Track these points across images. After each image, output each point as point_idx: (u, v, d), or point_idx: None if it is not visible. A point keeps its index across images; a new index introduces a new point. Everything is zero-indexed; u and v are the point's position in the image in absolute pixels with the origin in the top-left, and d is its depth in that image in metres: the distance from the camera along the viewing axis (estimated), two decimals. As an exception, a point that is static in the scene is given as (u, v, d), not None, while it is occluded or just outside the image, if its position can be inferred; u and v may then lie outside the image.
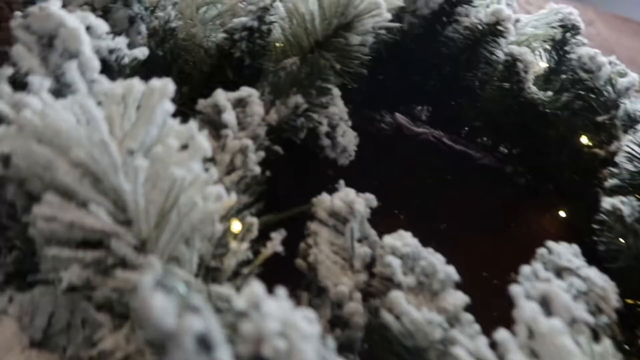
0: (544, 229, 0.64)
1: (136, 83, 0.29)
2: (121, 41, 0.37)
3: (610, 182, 0.46)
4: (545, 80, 0.63)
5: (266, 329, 0.21)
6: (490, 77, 0.57)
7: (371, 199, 0.39)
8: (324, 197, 0.38)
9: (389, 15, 0.43)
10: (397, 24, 0.48)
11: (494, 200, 0.68)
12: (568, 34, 0.63)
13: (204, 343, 0.19)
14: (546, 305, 0.28)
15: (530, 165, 0.68)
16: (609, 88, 0.57)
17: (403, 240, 0.34)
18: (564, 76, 0.62)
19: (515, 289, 0.26)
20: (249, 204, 0.35)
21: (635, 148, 0.43)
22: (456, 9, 0.53)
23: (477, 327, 0.31)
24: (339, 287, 0.35)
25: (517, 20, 0.59)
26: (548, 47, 0.64)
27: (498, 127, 0.64)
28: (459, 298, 0.32)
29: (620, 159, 0.45)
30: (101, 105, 0.28)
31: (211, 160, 0.35)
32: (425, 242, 0.58)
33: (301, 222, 0.42)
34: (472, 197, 0.68)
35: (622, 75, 0.59)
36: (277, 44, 0.51)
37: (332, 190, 0.41)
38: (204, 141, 0.29)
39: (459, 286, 0.34)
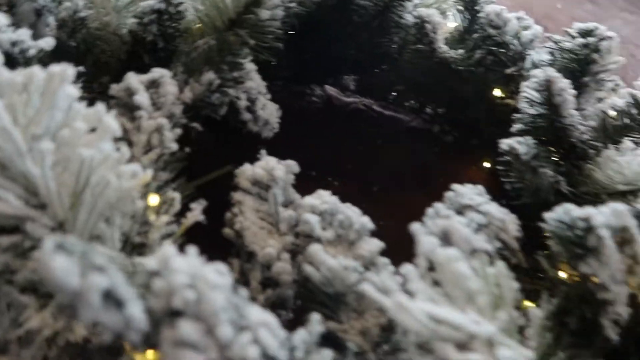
0: (470, 180, 0.67)
1: (37, 71, 0.29)
2: (24, 33, 0.37)
3: (516, 126, 0.49)
4: (459, 39, 0.66)
5: (175, 283, 0.22)
6: (404, 41, 0.59)
7: (292, 165, 0.40)
8: (246, 167, 0.40)
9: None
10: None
11: (423, 159, 0.72)
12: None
13: (113, 300, 0.21)
14: (447, 239, 0.31)
15: (454, 123, 0.72)
16: (515, 41, 0.61)
17: (321, 198, 0.36)
18: (476, 34, 0.65)
19: (414, 227, 0.29)
20: (170, 180, 0.36)
21: (532, 92, 0.46)
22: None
23: (391, 268, 0.34)
24: (266, 250, 0.37)
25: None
26: (460, 7, 0.67)
27: (419, 89, 0.67)
28: (374, 244, 0.34)
29: (522, 104, 0.48)
30: (2, 95, 0.28)
31: (128, 141, 0.36)
32: (359, 204, 0.61)
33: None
34: (403, 158, 0.71)
35: (527, 28, 0.63)
36: (195, 25, 0.52)
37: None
38: (112, 122, 0.30)
39: (389, 239, 0.36)
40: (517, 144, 0.41)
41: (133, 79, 0.37)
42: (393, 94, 0.75)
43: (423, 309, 0.25)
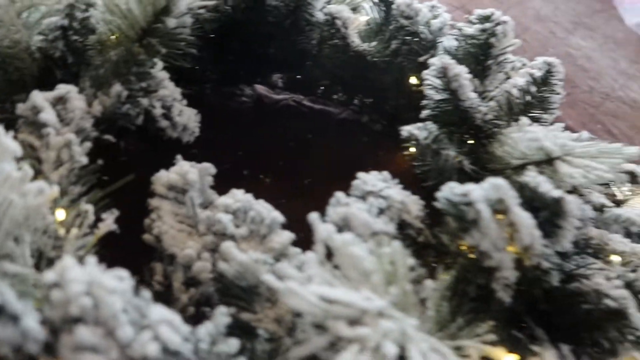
0: (398, 168, 0.70)
1: None
2: None
3: (424, 112, 0.52)
4: (376, 31, 0.69)
5: (71, 292, 0.23)
6: (320, 37, 0.61)
7: (207, 167, 0.42)
8: (161, 173, 0.41)
9: (198, -6, 0.46)
10: (211, 2, 0.50)
11: (353, 150, 0.74)
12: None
13: (7, 315, 0.22)
14: (347, 225, 0.33)
15: (381, 112, 0.74)
16: (426, 30, 0.64)
17: (234, 197, 0.38)
18: (391, 26, 0.67)
19: (310, 216, 0.31)
20: (82, 193, 0.36)
21: (433, 79, 0.49)
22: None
23: (302, 257, 0.36)
24: (185, 251, 0.38)
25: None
26: (375, 0, 0.70)
27: (342, 82, 0.70)
28: (284, 237, 0.36)
29: (427, 91, 0.51)
30: None
31: (37, 158, 0.37)
32: (290, 199, 0.63)
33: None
34: (334, 150, 0.73)
35: (437, 17, 0.66)
36: (110, 37, 0.53)
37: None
38: (10, 142, 0.31)
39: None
40: (415, 130, 0.44)
41: (38, 97, 0.38)
42: (321, 88, 0.77)
43: (315, 291, 0.27)
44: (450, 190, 0.32)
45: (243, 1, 0.58)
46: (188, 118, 0.49)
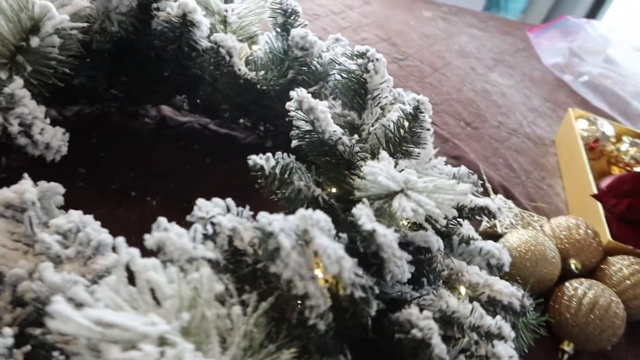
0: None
1: None
2: None
3: (294, 142, 0.54)
4: (274, 61, 0.71)
5: None
6: (208, 63, 0.63)
7: (54, 187, 0.42)
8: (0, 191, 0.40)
9: (65, 17, 0.46)
10: (80, 24, 0.51)
11: (254, 175, 0.75)
12: (290, 19, 0.71)
13: None
14: (162, 250, 0.34)
15: (283, 138, 0.76)
16: (317, 63, 0.66)
17: (68, 218, 0.38)
18: (289, 57, 0.70)
19: (117, 241, 0.31)
20: None
21: (296, 112, 0.51)
22: (152, 4, 0.58)
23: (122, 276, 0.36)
24: (13, 270, 0.38)
25: (227, 10, 0.65)
26: (276, 30, 0.72)
27: (242, 107, 0.71)
28: (109, 259, 0.36)
29: (296, 121, 0.53)
30: None
31: None
32: (177, 220, 0.63)
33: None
34: (231, 175, 0.74)
35: (329, 49, 0.68)
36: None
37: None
38: None
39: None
40: (261, 160, 0.46)
41: None
42: (226, 113, 0.78)
43: (90, 315, 0.27)
44: (260, 222, 0.33)
45: (130, 24, 0.59)
46: (52, 136, 0.50)
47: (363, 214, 0.38)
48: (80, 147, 0.71)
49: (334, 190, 0.52)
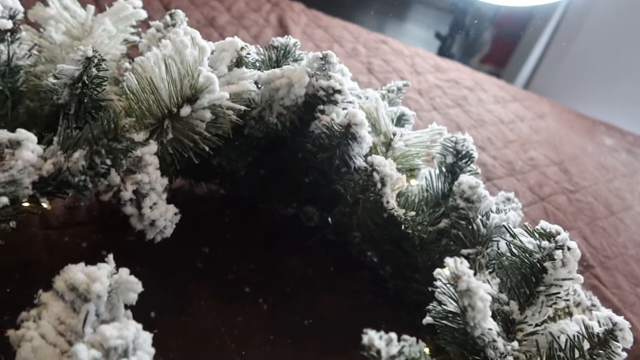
0: None
1: None
2: None
3: (426, 319, 0.40)
4: (428, 202, 0.60)
5: None
6: (357, 184, 0.53)
7: (132, 283, 0.34)
8: (70, 267, 0.33)
9: (224, 94, 0.41)
10: (238, 106, 0.46)
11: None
12: (461, 161, 0.60)
13: None
14: None
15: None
16: (480, 222, 0.53)
17: (122, 330, 0.29)
18: (448, 203, 0.58)
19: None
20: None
21: (443, 283, 0.38)
22: (319, 105, 0.52)
23: None
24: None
25: (395, 134, 0.56)
26: (441, 169, 0.62)
27: (375, 241, 0.60)
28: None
29: (438, 294, 0.40)
30: None
31: None
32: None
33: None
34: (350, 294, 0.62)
35: (500, 211, 0.56)
36: (118, 100, 0.49)
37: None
38: None
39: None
40: (378, 341, 0.33)
41: None
42: (355, 239, 0.68)
43: None
44: None
45: (289, 119, 0.53)
46: (161, 214, 0.43)
47: None
48: (210, 223, 0.68)
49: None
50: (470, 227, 0.54)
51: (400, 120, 0.65)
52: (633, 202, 1.18)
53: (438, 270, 0.40)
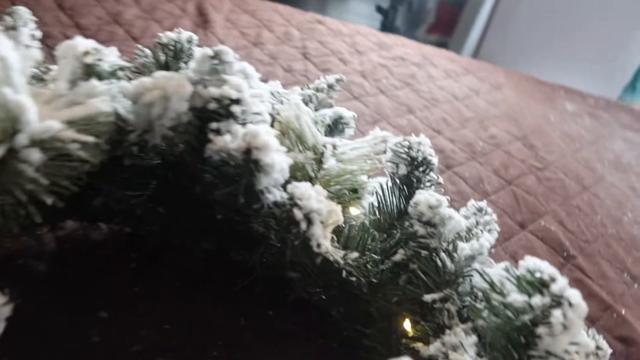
0: None
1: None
2: None
3: None
4: (380, 226, 0.47)
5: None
6: (275, 220, 0.39)
7: None
8: None
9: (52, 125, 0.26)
10: (87, 138, 0.31)
11: None
12: (417, 170, 0.47)
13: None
14: None
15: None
16: (446, 256, 0.40)
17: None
18: (401, 229, 0.45)
19: None
20: None
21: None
22: (211, 123, 0.37)
23: None
24: None
25: (325, 146, 0.42)
26: (394, 181, 0.49)
27: (317, 286, 0.46)
28: None
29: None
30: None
31: None
32: None
33: None
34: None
35: (472, 236, 0.43)
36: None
37: None
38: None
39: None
40: None
41: None
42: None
43: None
44: None
45: (182, 141, 0.38)
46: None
47: None
48: (111, 276, 0.53)
49: None
50: (433, 262, 0.41)
51: (337, 126, 0.52)
52: (604, 172, 1.09)
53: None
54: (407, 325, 0.40)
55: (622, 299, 0.76)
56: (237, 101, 0.37)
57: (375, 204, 0.48)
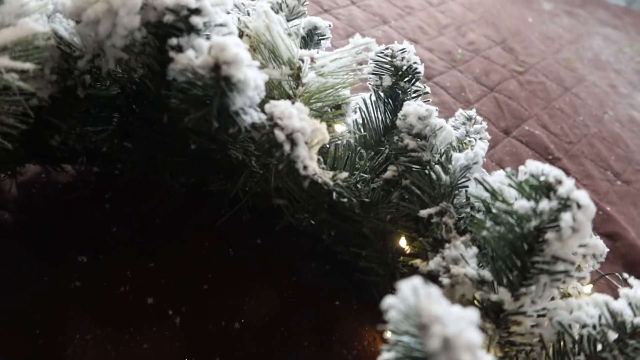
0: None
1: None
2: None
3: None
4: (367, 144, 0.44)
5: None
6: (255, 144, 0.36)
7: None
8: None
9: None
10: (24, 65, 0.26)
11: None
12: (403, 81, 0.43)
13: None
14: None
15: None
16: (440, 168, 0.38)
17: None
18: (397, 140, 0.42)
19: None
20: None
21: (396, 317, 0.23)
22: (170, 39, 0.32)
23: None
24: None
25: (302, 60, 0.38)
26: (379, 95, 0.45)
27: (307, 210, 0.44)
28: None
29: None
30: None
31: None
32: None
33: None
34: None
35: (465, 145, 0.40)
36: None
37: None
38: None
39: None
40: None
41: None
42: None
43: None
44: None
45: (140, 64, 0.34)
46: None
47: None
48: (84, 219, 0.49)
49: None
50: (426, 176, 0.38)
51: (312, 38, 0.47)
52: (584, 72, 1.06)
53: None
54: (402, 242, 0.39)
55: (606, 196, 0.76)
56: (196, 11, 0.32)
57: (360, 120, 0.45)
